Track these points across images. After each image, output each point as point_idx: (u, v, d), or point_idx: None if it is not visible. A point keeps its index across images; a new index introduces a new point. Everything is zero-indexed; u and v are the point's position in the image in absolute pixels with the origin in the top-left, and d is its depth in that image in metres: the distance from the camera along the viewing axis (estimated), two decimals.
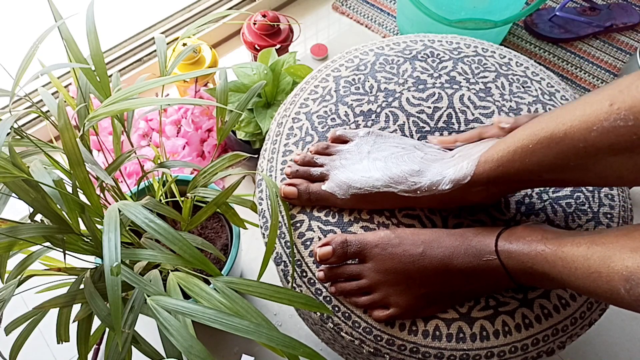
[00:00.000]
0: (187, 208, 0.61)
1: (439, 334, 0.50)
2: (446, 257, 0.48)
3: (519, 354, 0.50)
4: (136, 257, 0.47)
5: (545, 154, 0.42)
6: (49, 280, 0.54)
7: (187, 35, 0.60)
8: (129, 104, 0.45)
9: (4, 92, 0.48)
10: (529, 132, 0.44)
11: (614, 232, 0.40)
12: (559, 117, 0.41)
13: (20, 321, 0.49)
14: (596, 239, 0.40)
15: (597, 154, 0.38)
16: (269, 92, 0.89)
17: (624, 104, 0.36)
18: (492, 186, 0.49)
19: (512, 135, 0.46)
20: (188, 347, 0.39)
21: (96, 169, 0.47)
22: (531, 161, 0.44)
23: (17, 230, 0.43)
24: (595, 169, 0.39)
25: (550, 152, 0.42)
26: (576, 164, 0.40)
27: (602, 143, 0.37)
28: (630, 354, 0.86)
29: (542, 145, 0.42)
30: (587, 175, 0.41)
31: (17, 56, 0.49)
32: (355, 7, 1.27)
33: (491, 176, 0.47)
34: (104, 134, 0.96)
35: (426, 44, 0.67)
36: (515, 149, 0.45)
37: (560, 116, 0.41)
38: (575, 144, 0.39)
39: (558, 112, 0.42)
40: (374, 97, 0.62)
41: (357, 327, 0.51)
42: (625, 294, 0.35)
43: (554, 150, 0.41)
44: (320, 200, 0.55)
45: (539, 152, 0.43)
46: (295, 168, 0.57)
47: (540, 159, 0.43)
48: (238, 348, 0.85)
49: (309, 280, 0.53)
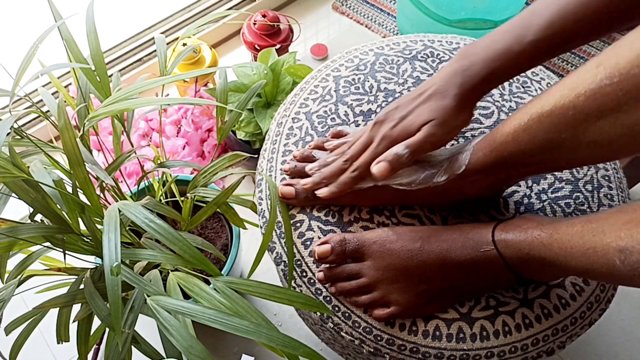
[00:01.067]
0: (187, 208, 0.61)
1: (439, 334, 0.50)
2: (444, 250, 0.48)
3: (518, 354, 0.50)
4: (136, 257, 0.47)
5: (537, 129, 0.42)
6: (49, 280, 0.54)
7: (187, 35, 0.60)
8: (129, 103, 0.45)
9: (4, 92, 0.48)
10: (521, 113, 0.44)
11: (607, 210, 0.41)
12: (549, 92, 0.42)
13: (20, 321, 0.49)
14: (590, 217, 0.41)
15: (586, 120, 0.38)
16: (269, 92, 0.89)
17: (609, 62, 0.36)
18: (487, 175, 0.49)
19: (505, 121, 0.46)
20: (188, 347, 0.39)
21: (96, 169, 0.47)
22: (523, 140, 0.44)
23: (17, 230, 0.43)
24: (585, 138, 0.39)
25: (541, 127, 0.42)
26: (567, 136, 0.40)
27: (590, 107, 0.38)
28: (630, 354, 0.86)
29: (533, 121, 0.42)
30: (579, 148, 0.41)
31: (17, 56, 0.49)
32: (355, 7, 1.27)
33: (486, 163, 0.47)
34: (104, 134, 0.96)
35: (426, 44, 0.67)
36: (508, 131, 0.45)
37: (550, 90, 0.42)
38: (565, 112, 0.40)
39: (548, 89, 0.43)
40: (374, 97, 0.62)
41: (357, 327, 0.51)
42: (621, 265, 0.36)
43: (545, 124, 0.41)
44: (319, 198, 0.55)
45: (530, 129, 0.43)
46: (293, 164, 0.57)
47: (532, 135, 0.43)
48: (238, 348, 0.85)
49: (309, 280, 0.53)
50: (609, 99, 0.36)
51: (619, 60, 0.36)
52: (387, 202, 0.55)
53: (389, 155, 0.48)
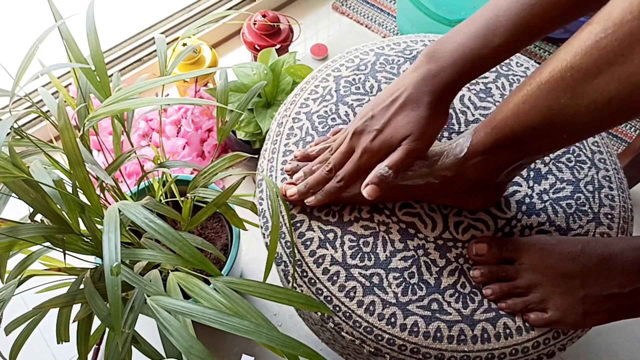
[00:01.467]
0: (187, 208, 0.61)
1: (440, 335, 0.50)
2: (606, 252, 0.47)
3: (519, 356, 0.50)
4: (136, 257, 0.47)
5: (537, 98, 0.42)
6: (49, 280, 0.54)
7: (187, 35, 0.60)
8: (129, 103, 0.45)
9: (4, 92, 0.48)
10: (520, 86, 0.44)
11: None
12: (546, 62, 0.42)
13: (20, 321, 0.49)
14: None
15: (584, 79, 0.38)
16: (269, 92, 0.89)
17: (603, 15, 0.36)
18: (489, 155, 0.48)
19: (505, 99, 0.46)
20: (188, 347, 0.39)
21: (96, 169, 0.47)
22: (524, 111, 0.43)
23: (17, 230, 0.43)
24: (584, 100, 0.39)
25: (540, 95, 0.42)
26: (566, 100, 0.40)
27: (588, 64, 0.37)
28: (630, 354, 0.86)
29: (532, 90, 0.42)
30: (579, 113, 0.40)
31: (17, 56, 0.49)
32: (355, 7, 1.27)
33: (487, 142, 0.47)
34: (104, 134, 0.96)
35: (426, 44, 0.67)
36: (509, 106, 0.45)
37: (548, 60, 0.42)
38: (563, 75, 0.39)
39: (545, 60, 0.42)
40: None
41: (357, 327, 0.51)
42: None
43: (544, 91, 0.41)
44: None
45: (530, 99, 0.43)
46: (294, 164, 0.57)
47: (532, 105, 0.43)
48: (238, 348, 0.85)
49: (310, 280, 0.53)
50: (604, 51, 0.36)
51: (612, 12, 0.36)
52: (391, 200, 0.55)
53: (374, 178, 0.49)
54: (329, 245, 0.53)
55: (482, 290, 0.52)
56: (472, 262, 0.52)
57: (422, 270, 0.52)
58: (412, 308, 0.51)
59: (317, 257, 0.53)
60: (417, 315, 0.50)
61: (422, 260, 0.53)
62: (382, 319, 0.50)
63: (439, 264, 0.53)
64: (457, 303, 0.51)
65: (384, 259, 0.53)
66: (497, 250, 0.50)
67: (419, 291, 0.51)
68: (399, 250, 0.53)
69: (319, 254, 0.53)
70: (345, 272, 0.52)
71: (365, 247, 0.53)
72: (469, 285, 0.52)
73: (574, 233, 0.54)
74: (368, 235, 0.54)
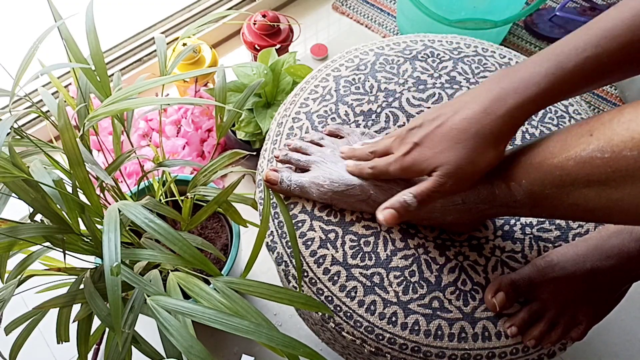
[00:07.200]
0: (187, 208, 0.61)
1: (441, 333, 0.50)
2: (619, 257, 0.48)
3: (519, 355, 0.50)
4: (136, 257, 0.47)
5: (524, 177, 0.42)
6: (49, 280, 0.54)
7: (187, 35, 0.59)
8: (129, 103, 0.45)
9: (4, 92, 0.48)
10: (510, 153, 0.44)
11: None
12: (541, 143, 0.41)
13: (20, 321, 0.49)
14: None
15: (572, 184, 0.38)
16: (269, 92, 0.89)
17: (604, 135, 0.36)
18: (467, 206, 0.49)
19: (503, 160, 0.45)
20: (188, 347, 0.39)
21: (96, 169, 0.47)
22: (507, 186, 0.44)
23: (17, 230, 0.43)
24: (568, 200, 0.39)
25: (528, 177, 0.42)
26: (551, 192, 0.40)
27: (578, 173, 0.37)
28: (630, 354, 0.86)
29: (523, 168, 0.42)
30: (561, 207, 0.41)
31: (17, 56, 0.49)
32: (355, 7, 1.27)
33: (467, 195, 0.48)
34: (104, 134, 0.96)
35: (426, 44, 0.67)
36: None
37: (543, 143, 0.41)
38: (553, 171, 0.39)
39: (541, 139, 0.42)
40: (374, 97, 0.62)
41: (358, 327, 0.51)
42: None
43: (532, 176, 0.41)
44: (299, 191, 0.54)
45: (518, 175, 0.43)
46: (284, 152, 0.57)
47: (516, 182, 0.43)
48: (238, 348, 0.85)
49: (310, 280, 0.53)
50: (597, 171, 0.36)
51: (614, 136, 0.35)
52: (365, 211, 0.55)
53: (396, 203, 0.45)
54: (330, 245, 0.53)
55: (482, 289, 0.52)
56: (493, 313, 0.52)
57: (423, 268, 0.52)
58: (413, 306, 0.51)
59: (317, 257, 0.53)
60: (418, 313, 0.50)
61: (422, 258, 0.53)
62: (383, 318, 0.50)
63: (439, 262, 0.53)
64: (457, 301, 0.51)
65: (385, 258, 0.53)
66: (512, 293, 0.50)
67: (420, 289, 0.51)
68: (399, 249, 0.53)
69: (319, 254, 0.53)
70: (346, 272, 0.52)
71: (366, 246, 0.53)
72: (469, 282, 0.52)
73: (574, 233, 0.54)
74: (369, 235, 0.54)
